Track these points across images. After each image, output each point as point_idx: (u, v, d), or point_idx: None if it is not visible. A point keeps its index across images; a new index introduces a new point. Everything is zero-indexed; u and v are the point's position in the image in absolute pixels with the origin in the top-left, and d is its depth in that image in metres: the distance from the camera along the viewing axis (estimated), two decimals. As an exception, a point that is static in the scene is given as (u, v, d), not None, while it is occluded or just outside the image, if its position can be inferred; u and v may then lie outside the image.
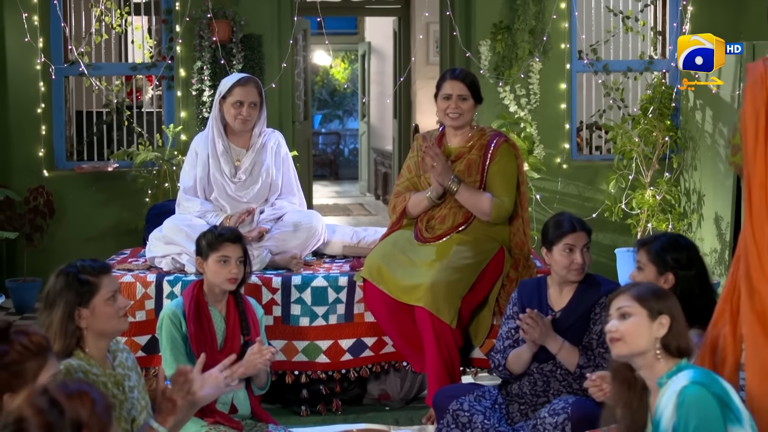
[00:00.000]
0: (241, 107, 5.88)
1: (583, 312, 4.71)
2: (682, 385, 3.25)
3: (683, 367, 3.36)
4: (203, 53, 8.46)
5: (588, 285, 4.79)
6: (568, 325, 4.71)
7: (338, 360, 5.65)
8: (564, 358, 4.63)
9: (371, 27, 18.91)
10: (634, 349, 3.40)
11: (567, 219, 4.84)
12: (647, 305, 3.42)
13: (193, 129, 8.55)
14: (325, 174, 23.06)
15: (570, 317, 4.73)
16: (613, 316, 3.48)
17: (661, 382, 3.37)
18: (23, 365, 2.76)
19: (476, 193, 5.54)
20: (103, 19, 8.79)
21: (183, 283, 5.59)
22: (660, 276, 4.14)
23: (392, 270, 5.48)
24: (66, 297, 3.66)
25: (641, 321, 3.41)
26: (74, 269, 3.72)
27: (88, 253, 8.31)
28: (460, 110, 5.62)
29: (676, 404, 3.23)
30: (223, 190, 5.99)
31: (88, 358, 3.70)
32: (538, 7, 8.70)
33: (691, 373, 3.31)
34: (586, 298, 4.74)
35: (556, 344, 4.62)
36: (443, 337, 5.32)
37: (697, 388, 3.22)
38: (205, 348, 4.68)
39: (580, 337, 4.69)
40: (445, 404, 4.77)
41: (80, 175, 8.71)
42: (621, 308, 3.45)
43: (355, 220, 15.07)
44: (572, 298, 4.78)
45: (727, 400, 3.23)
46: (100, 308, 3.69)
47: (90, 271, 3.73)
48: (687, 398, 3.21)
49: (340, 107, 26.11)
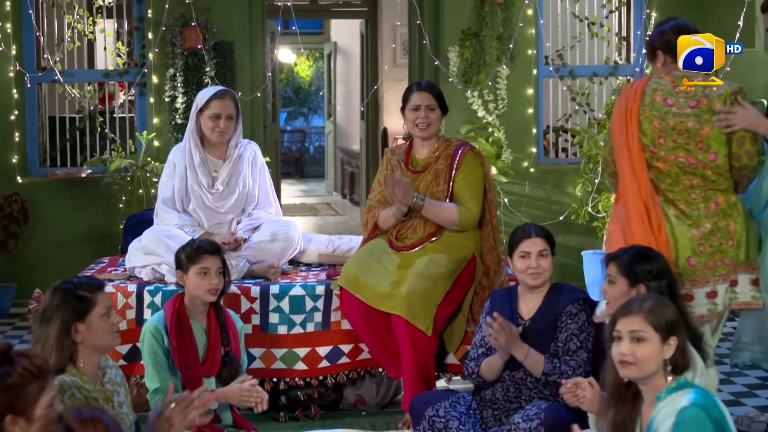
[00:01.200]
0: (218, 120, 5.99)
1: (550, 321, 4.84)
2: (682, 405, 3.37)
3: (683, 384, 3.47)
4: (176, 60, 8.55)
5: (555, 294, 4.91)
6: (537, 334, 4.84)
7: (316, 367, 5.77)
8: (530, 365, 4.75)
9: (337, 27, 18.97)
10: (645, 373, 3.50)
11: (525, 226, 5.02)
12: (660, 329, 3.50)
13: (166, 135, 8.65)
14: (291, 172, 23.12)
15: (538, 326, 4.86)
16: (625, 339, 3.52)
17: (660, 396, 3.48)
18: (25, 388, 2.86)
19: (441, 206, 5.69)
20: (75, 26, 8.85)
21: (163, 293, 5.69)
22: (631, 288, 4.24)
23: (368, 278, 5.61)
24: (63, 312, 3.78)
25: (655, 346, 3.49)
26: (71, 285, 3.85)
27: (62, 259, 8.50)
28: (428, 120, 5.78)
29: (674, 423, 3.34)
30: (200, 200, 6.10)
31: (80, 373, 3.82)
32: (506, 14, 8.85)
33: (692, 393, 3.42)
34: (553, 307, 4.86)
35: (522, 351, 4.74)
36: (419, 343, 5.46)
37: (696, 410, 3.34)
38: (188, 360, 4.81)
39: (547, 345, 4.82)
40: (422, 410, 4.90)
41: (54, 181, 8.78)
42: (635, 332, 3.50)
43: (323, 220, 15.17)
44: (540, 307, 4.90)
45: (724, 425, 3.35)
46: (95, 323, 3.81)
47: (87, 287, 3.86)
48: (686, 419, 3.32)
49: (304, 104, 26.15)
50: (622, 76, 9.22)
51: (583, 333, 4.76)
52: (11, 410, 2.82)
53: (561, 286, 4.97)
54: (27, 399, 2.85)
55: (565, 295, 4.90)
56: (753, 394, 6.34)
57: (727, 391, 6.35)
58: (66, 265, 8.41)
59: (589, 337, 4.77)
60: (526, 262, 4.88)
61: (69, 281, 3.89)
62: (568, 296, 4.88)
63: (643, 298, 3.65)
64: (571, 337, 4.76)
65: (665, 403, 3.45)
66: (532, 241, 4.90)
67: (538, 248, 4.89)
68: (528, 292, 4.96)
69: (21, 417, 2.82)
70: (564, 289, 4.95)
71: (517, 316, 4.94)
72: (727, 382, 6.54)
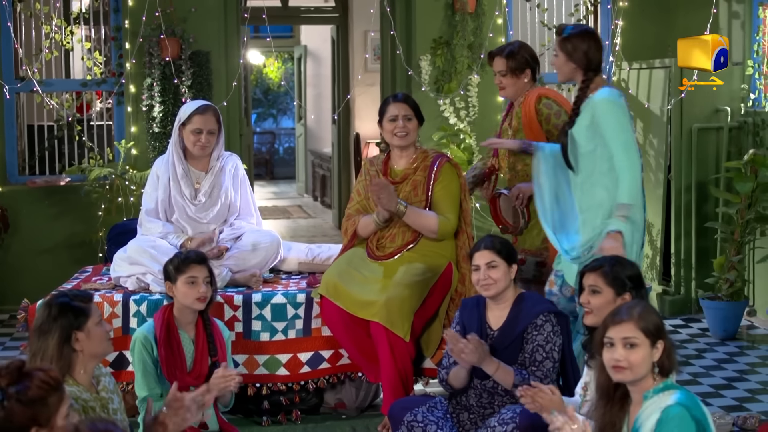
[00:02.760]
0: (200, 134, 6.16)
1: (518, 333, 5.00)
2: (667, 404, 3.58)
3: (670, 385, 3.68)
4: (153, 70, 8.68)
5: (521, 305, 5.06)
6: (505, 346, 5.00)
7: (297, 372, 5.95)
8: (500, 378, 4.91)
9: (307, 30, 19.08)
10: (637, 376, 3.68)
11: (480, 240, 5.19)
12: (649, 335, 3.68)
13: (144, 144, 8.78)
14: (261, 173, 23.21)
15: (506, 338, 5.02)
16: (618, 345, 3.69)
17: (647, 395, 3.68)
18: (46, 400, 3.04)
19: (422, 213, 5.88)
20: (53, 36, 8.96)
21: (149, 302, 5.85)
22: (618, 297, 4.39)
23: (348, 286, 5.79)
24: (61, 322, 3.97)
25: (646, 351, 3.67)
26: (66, 297, 4.04)
27: (43, 266, 8.63)
28: (406, 129, 5.97)
29: (658, 419, 3.55)
30: (183, 211, 6.26)
31: (76, 383, 4.00)
32: (476, 23, 9.04)
33: (677, 394, 3.63)
34: (521, 319, 5.01)
35: (492, 366, 4.88)
36: (397, 349, 5.65)
37: (680, 409, 3.55)
38: (175, 370, 4.98)
39: (515, 356, 4.99)
40: (400, 416, 5.07)
41: (33, 189, 8.88)
42: (628, 339, 3.67)
43: (295, 223, 15.31)
44: (507, 319, 5.06)
45: (705, 424, 3.57)
46: (93, 331, 4.01)
47: (81, 298, 4.07)
48: (670, 416, 3.53)
49: (273, 106, 26.26)
50: (590, 83, 9.41)
51: (548, 344, 4.94)
52: (36, 423, 3.01)
53: (526, 297, 5.12)
54: (49, 410, 3.04)
55: (531, 307, 5.04)
56: (719, 394, 6.55)
57: (694, 391, 6.51)
58: (47, 272, 8.57)
59: (554, 347, 4.95)
60: (477, 274, 5.06)
61: (62, 294, 4.09)
62: (534, 308, 5.02)
63: (631, 305, 3.80)
64: (537, 348, 4.94)
65: (651, 402, 3.65)
66: (480, 254, 5.07)
67: (485, 260, 5.03)
68: (493, 303, 5.11)
69: (44, 428, 3.00)
70: (530, 300, 5.10)
71: (486, 326, 5.11)
72: (693, 383, 6.75)
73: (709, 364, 7.23)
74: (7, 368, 3.08)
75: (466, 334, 5.04)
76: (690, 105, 8.39)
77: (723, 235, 8.16)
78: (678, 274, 8.54)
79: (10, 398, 3.01)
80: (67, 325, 3.97)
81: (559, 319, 5.02)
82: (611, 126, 5.27)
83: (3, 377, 3.06)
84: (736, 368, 7.11)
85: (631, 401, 3.76)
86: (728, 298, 7.90)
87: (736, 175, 7.93)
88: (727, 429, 5.76)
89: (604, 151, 5.28)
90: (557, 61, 5.54)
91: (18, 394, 3.02)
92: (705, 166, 8.49)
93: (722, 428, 5.71)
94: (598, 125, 5.29)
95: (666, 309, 8.49)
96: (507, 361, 4.94)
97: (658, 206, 8.61)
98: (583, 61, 5.43)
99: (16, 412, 3.00)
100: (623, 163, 5.23)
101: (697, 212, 8.48)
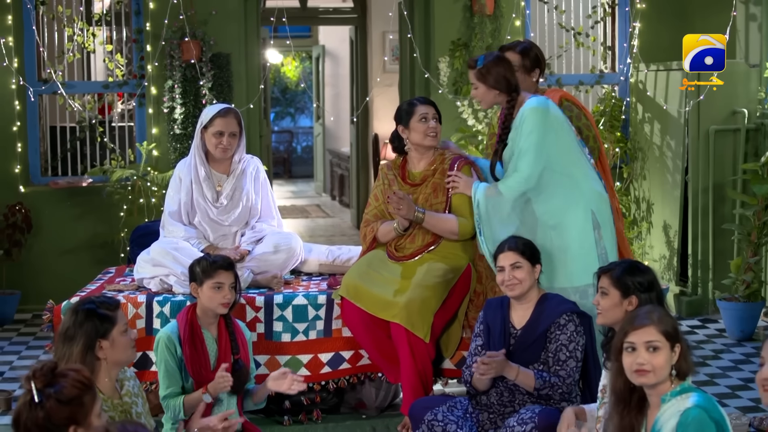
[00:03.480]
0: (222, 137, 6.24)
1: (541, 332, 5.10)
2: (686, 407, 3.65)
3: (687, 388, 3.75)
4: (174, 72, 8.78)
5: (544, 305, 5.18)
6: (528, 344, 5.11)
7: (318, 372, 6.02)
8: (521, 382, 5.02)
9: (325, 30, 19.16)
10: (659, 379, 3.75)
11: (503, 241, 5.32)
12: (670, 338, 3.76)
13: (165, 145, 8.88)
14: (279, 172, 23.27)
15: (529, 337, 5.13)
16: (641, 349, 3.75)
17: (665, 398, 3.75)
18: (81, 398, 3.15)
19: (441, 217, 5.94)
20: (75, 39, 9.05)
21: (172, 303, 5.94)
22: (624, 299, 4.51)
23: (368, 288, 5.86)
24: (87, 330, 4.04)
25: (667, 354, 3.75)
26: (93, 305, 4.11)
27: (65, 266, 8.73)
28: (437, 130, 6.04)
29: (678, 422, 3.63)
30: (205, 214, 6.35)
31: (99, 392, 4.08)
32: (495, 25, 9.10)
33: (695, 396, 3.70)
34: (543, 319, 5.12)
35: (512, 372, 5.00)
36: (417, 350, 5.72)
37: (699, 411, 3.62)
38: (200, 368, 5.07)
39: (538, 355, 5.09)
40: (421, 415, 5.17)
41: (55, 190, 8.99)
42: (650, 342, 3.74)
43: (314, 222, 15.41)
44: (530, 318, 5.17)
45: (724, 426, 3.64)
46: (118, 339, 4.08)
47: (107, 306, 4.13)
48: (689, 419, 3.61)
49: (291, 104, 26.32)
50: (608, 85, 9.49)
51: (572, 343, 5.04)
52: (74, 421, 3.11)
53: (550, 297, 5.23)
54: (85, 409, 3.15)
55: (554, 306, 5.15)
56: (735, 395, 6.61)
57: (711, 392, 6.59)
58: (69, 272, 8.69)
59: (578, 347, 5.05)
60: (501, 275, 5.18)
61: (90, 301, 4.16)
62: (557, 308, 5.13)
63: (649, 310, 3.88)
64: (560, 347, 5.03)
65: (670, 404, 3.72)
66: (505, 255, 5.19)
67: (510, 261, 5.16)
68: (517, 302, 5.22)
69: (82, 426, 3.10)
70: (553, 300, 5.21)
71: (509, 325, 5.20)
72: (710, 384, 6.81)
73: (726, 365, 7.28)
74: (41, 370, 3.18)
75: (489, 333, 5.17)
76: (707, 107, 8.43)
77: (740, 237, 8.21)
78: (695, 275, 8.59)
79: (48, 399, 3.11)
80: (92, 332, 4.04)
81: (582, 319, 5.11)
82: (526, 128, 5.59)
83: (38, 379, 3.15)
84: (753, 369, 7.13)
85: (649, 405, 3.82)
86: (745, 299, 7.95)
87: (753, 177, 7.98)
88: (743, 430, 5.81)
89: None
90: (478, 93, 5.78)
91: (56, 394, 3.12)
92: (722, 168, 8.53)
93: (738, 429, 5.77)
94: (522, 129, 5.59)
95: (683, 310, 8.54)
96: (530, 360, 5.06)
97: (675, 207, 8.66)
98: (504, 84, 5.68)
99: (55, 411, 3.10)
100: (521, 164, 5.61)
101: (714, 214, 8.52)
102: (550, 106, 5.65)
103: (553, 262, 5.58)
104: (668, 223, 8.74)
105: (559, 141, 5.65)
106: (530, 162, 5.57)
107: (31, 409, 3.11)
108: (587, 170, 5.76)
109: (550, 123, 5.62)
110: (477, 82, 5.72)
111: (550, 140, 5.61)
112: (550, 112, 5.63)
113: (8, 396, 6.47)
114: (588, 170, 5.77)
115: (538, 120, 5.59)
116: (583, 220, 5.65)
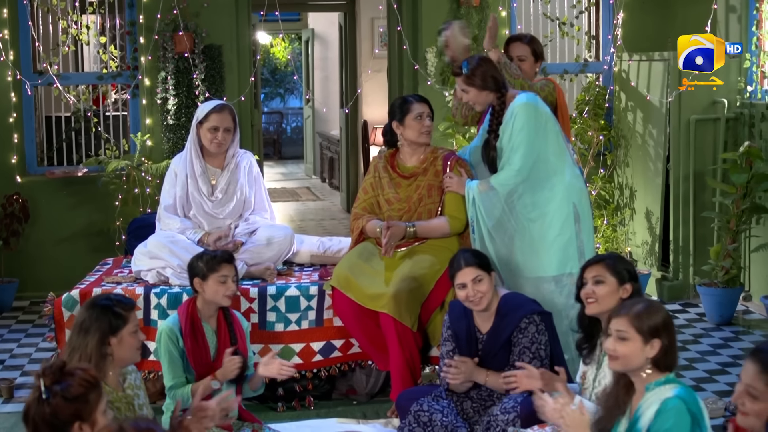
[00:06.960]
0: (217, 132, 6.44)
1: (505, 339, 5.26)
2: (666, 396, 3.86)
3: (671, 380, 3.94)
4: (167, 64, 8.94)
5: (506, 309, 5.30)
6: (495, 351, 5.28)
7: (310, 360, 6.25)
8: (491, 385, 5.23)
9: (315, 14, 19.26)
10: (627, 368, 3.96)
11: (457, 257, 5.39)
12: (641, 332, 3.93)
13: (159, 135, 9.05)
14: (269, 153, 23.33)
15: (494, 344, 5.29)
16: (613, 336, 3.97)
17: (649, 387, 3.94)
18: (87, 396, 3.35)
19: (431, 224, 6.16)
20: (69, 31, 9.20)
21: (168, 295, 6.15)
22: (620, 286, 4.67)
23: (358, 279, 6.07)
24: (101, 325, 4.24)
25: (636, 345, 3.93)
26: (109, 302, 4.31)
27: (61, 255, 8.91)
28: (431, 128, 6.25)
29: (657, 410, 3.83)
30: (201, 207, 6.55)
31: (106, 384, 4.28)
32: (481, 15, 9.25)
33: (678, 388, 3.89)
34: (505, 326, 5.27)
35: (481, 376, 5.22)
36: (405, 339, 5.93)
37: (679, 402, 3.82)
38: (201, 360, 5.27)
39: (506, 360, 5.26)
40: (407, 405, 5.35)
41: (52, 180, 9.15)
42: (619, 332, 3.95)
43: (304, 206, 15.54)
44: (494, 324, 5.32)
45: (700, 419, 3.85)
46: (126, 339, 4.28)
47: (123, 305, 4.32)
48: (668, 407, 3.81)
49: (281, 85, 26.40)
50: (592, 73, 9.67)
51: (534, 344, 5.21)
52: (78, 418, 3.32)
53: (509, 299, 5.36)
54: (89, 406, 3.35)
55: (515, 311, 5.28)
56: (713, 379, 6.81)
57: (689, 376, 6.81)
58: (65, 261, 8.88)
59: (540, 347, 5.22)
60: (464, 292, 5.27)
61: (107, 297, 4.36)
62: (517, 313, 5.26)
63: (635, 302, 4.06)
64: (523, 350, 5.21)
65: (653, 393, 3.91)
66: (463, 272, 5.28)
67: (471, 277, 5.25)
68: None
69: (86, 423, 3.31)
70: (512, 302, 5.34)
71: (475, 330, 5.37)
72: (689, 368, 7.00)
73: (705, 350, 7.47)
74: (50, 368, 3.38)
75: (457, 339, 5.35)
76: (688, 97, 8.60)
77: (719, 224, 8.42)
78: (676, 260, 8.79)
79: (55, 396, 3.31)
80: (105, 329, 4.23)
81: (542, 317, 5.29)
82: (518, 125, 5.84)
83: (47, 377, 3.36)
84: (731, 353, 7.34)
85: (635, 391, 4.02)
86: (724, 285, 8.15)
87: (732, 166, 8.16)
88: (719, 414, 5.99)
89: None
90: (471, 97, 6.00)
91: (62, 391, 3.32)
92: (702, 157, 8.72)
93: (714, 413, 5.93)
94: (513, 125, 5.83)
95: (664, 294, 8.75)
96: (499, 365, 5.22)
97: (657, 195, 8.85)
98: (492, 83, 5.93)
99: (61, 408, 3.31)
100: (512, 159, 5.86)
101: (695, 201, 8.71)
102: (538, 102, 5.90)
103: (534, 252, 5.80)
104: (650, 210, 8.94)
105: (547, 135, 5.89)
106: (522, 156, 5.82)
107: (38, 404, 3.33)
108: (571, 164, 5.99)
109: (540, 117, 5.86)
110: (467, 87, 5.93)
111: (540, 134, 5.85)
112: (539, 108, 5.88)
113: (10, 384, 6.62)
114: (572, 164, 6.00)
115: (529, 115, 5.82)
116: (566, 212, 5.88)
